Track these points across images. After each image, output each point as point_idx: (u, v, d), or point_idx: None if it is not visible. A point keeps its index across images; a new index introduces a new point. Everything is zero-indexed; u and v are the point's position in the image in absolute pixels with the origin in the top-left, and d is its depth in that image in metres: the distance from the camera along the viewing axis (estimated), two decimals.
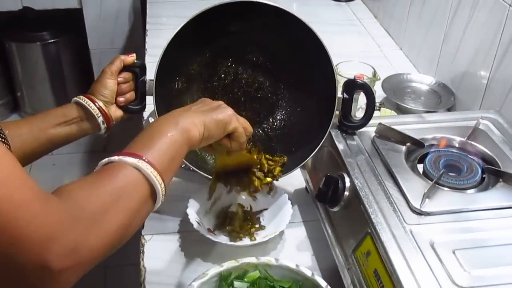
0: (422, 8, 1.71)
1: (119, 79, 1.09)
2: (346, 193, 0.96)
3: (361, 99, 1.32)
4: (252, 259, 0.96)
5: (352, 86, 1.06)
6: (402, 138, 1.03)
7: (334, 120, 1.08)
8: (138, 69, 1.11)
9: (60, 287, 0.63)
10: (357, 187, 0.94)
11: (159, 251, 1.08)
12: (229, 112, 0.93)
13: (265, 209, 1.15)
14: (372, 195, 0.92)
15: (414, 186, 0.92)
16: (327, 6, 2.23)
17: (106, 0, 2.55)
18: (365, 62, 1.43)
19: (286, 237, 1.12)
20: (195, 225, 1.06)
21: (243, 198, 1.17)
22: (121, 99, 1.10)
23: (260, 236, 1.09)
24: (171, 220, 1.15)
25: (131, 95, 1.12)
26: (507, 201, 0.91)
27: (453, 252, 0.82)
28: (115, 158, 0.76)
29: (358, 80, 1.07)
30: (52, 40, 2.73)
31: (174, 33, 1.04)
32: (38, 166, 2.80)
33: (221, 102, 0.95)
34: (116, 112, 1.11)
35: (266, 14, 1.07)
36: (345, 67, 1.33)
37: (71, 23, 2.73)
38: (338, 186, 0.97)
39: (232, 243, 1.05)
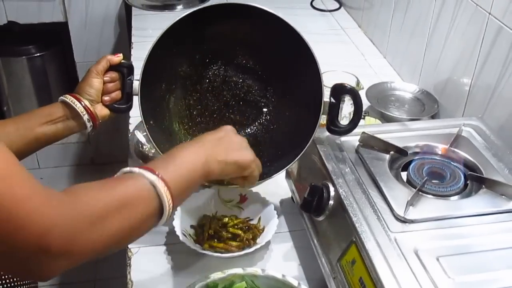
0: (404, 17, 1.73)
1: (105, 78, 1.11)
2: (331, 202, 0.97)
3: (345, 108, 1.33)
4: (238, 270, 0.96)
5: (340, 90, 1.06)
6: (386, 146, 1.04)
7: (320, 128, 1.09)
8: (125, 69, 1.12)
9: (54, 270, 0.68)
10: (342, 196, 0.94)
11: (146, 263, 1.08)
12: (250, 157, 0.98)
13: (251, 220, 1.15)
14: (357, 203, 0.93)
15: (398, 194, 0.93)
16: (311, 15, 2.24)
17: (91, 13, 2.56)
18: (350, 71, 1.44)
19: (272, 247, 1.12)
20: (181, 237, 1.06)
21: (230, 209, 1.17)
22: (106, 98, 1.12)
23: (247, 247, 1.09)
24: (158, 232, 1.15)
25: (116, 94, 1.13)
26: (490, 207, 0.92)
27: (437, 259, 0.83)
28: (136, 169, 0.79)
29: (347, 85, 1.07)
30: (37, 54, 2.72)
31: (161, 33, 1.05)
32: None
33: (244, 139, 1.01)
34: (102, 111, 1.12)
35: (256, 18, 1.08)
36: (328, 77, 1.33)
37: (56, 36, 2.73)
38: (323, 196, 0.97)
39: (219, 254, 1.05)
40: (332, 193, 0.97)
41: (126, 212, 0.74)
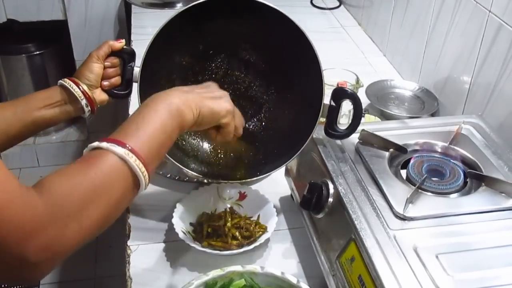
0: (404, 15, 1.73)
1: (105, 63, 1.10)
2: (330, 199, 0.97)
3: (345, 106, 1.33)
4: (237, 268, 0.96)
5: (341, 94, 1.05)
6: (385, 144, 1.04)
7: (319, 126, 1.08)
8: (126, 55, 1.11)
9: (37, 276, 0.67)
10: (341, 194, 0.94)
11: (145, 261, 1.08)
12: (227, 106, 0.95)
13: (250, 217, 1.15)
14: (356, 201, 0.93)
15: (397, 192, 0.93)
16: (311, 13, 2.24)
17: (91, 11, 2.56)
18: (350, 69, 1.44)
19: (272, 245, 1.12)
20: (181, 235, 1.06)
21: (229, 206, 1.17)
22: (105, 83, 1.11)
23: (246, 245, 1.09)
24: (157, 230, 1.15)
25: (116, 80, 1.12)
26: (490, 205, 0.92)
27: (436, 257, 0.82)
28: (104, 144, 0.75)
29: (348, 90, 1.05)
30: (37, 52, 2.72)
31: (166, 21, 1.04)
32: (25, 178, 2.81)
33: (225, 93, 0.97)
34: (100, 96, 1.11)
35: (262, 14, 1.06)
36: (328, 74, 1.33)
37: (56, 35, 2.73)
38: (322, 193, 0.97)
39: (218, 252, 1.05)
40: (331, 190, 0.97)
41: (103, 197, 0.72)
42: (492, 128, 1.12)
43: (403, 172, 1.01)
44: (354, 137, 1.07)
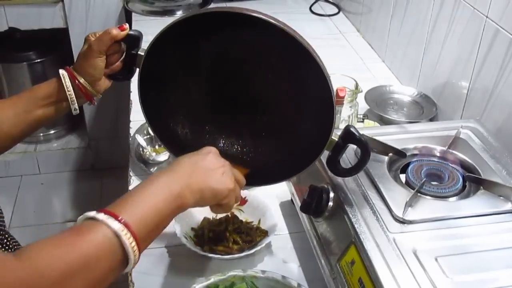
0: (402, 21, 1.74)
1: (108, 52, 1.03)
2: (330, 203, 0.98)
3: (344, 111, 1.34)
4: (239, 272, 0.97)
5: (350, 137, 0.95)
6: (384, 148, 1.05)
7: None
8: (129, 42, 1.04)
9: None
10: (341, 198, 0.95)
11: (147, 265, 1.09)
12: (229, 186, 0.90)
13: (251, 222, 1.15)
14: (356, 205, 0.94)
15: (397, 195, 0.94)
16: (310, 20, 2.26)
17: (92, 19, 2.57)
18: (349, 74, 1.45)
19: (272, 249, 1.13)
20: (182, 239, 1.07)
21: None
22: (107, 70, 1.05)
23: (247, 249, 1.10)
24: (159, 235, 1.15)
25: (118, 65, 1.06)
26: (488, 208, 0.93)
27: (436, 259, 0.83)
28: (100, 216, 0.72)
29: (361, 137, 0.94)
30: (38, 60, 2.73)
31: (185, 16, 0.97)
32: (26, 185, 2.81)
33: (226, 165, 0.92)
34: (104, 84, 1.06)
35: (260, 28, 0.94)
36: None
37: (57, 42, 2.74)
38: (322, 197, 0.98)
39: (219, 256, 1.06)
40: (331, 194, 0.98)
41: (88, 273, 0.68)
42: (490, 132, 1.13)
43: (402, 176, 1.02)
44: None
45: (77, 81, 1.02)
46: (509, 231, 0.90)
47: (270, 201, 1.20)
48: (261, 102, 1.03)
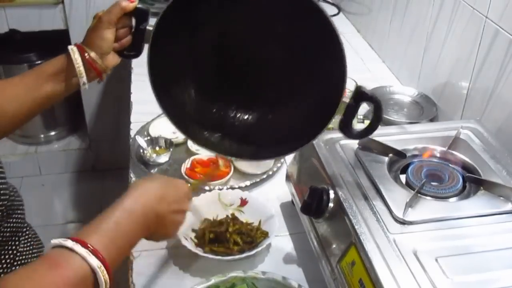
0: (402, 22, 1.74)
1: (117, 25, 1.02)
2: (331, 204, 0.98)
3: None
4: (239, 273, 0.97)
5: (362, 96, 0.95)
6: (384, 149, 1.05)
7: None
8: (138, 15, 1.03)
9: None
10: (341, 199, 0.95)
11: (148, 267, 1.09)
12: (177, 230, 0.95)
13: (252, 223, 1.16)
14: (356, 206, 0.94)
15: (397, 196, 0.94)
16: None
17: (92, 20, 2.57)
18: (349, 75, 1.44)
19: (273, 250, 1.13)
20: (183, 241, 1.07)
21: (230, 212, 1.18)
22: (116, 45, 1.04)
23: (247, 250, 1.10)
24: None
25: (127, 40, 1.05)
26: (488, 209, 0.93)
27: (436, 260, 0.83)
28: (69, 244, 0.72)
29: (372, 95, 0.95)
30: (38, 61, 2.73)
31: None
32: (27, 187, 2.81)
33: (185, 196, 0.95)
34: (113, 60, 1.05)
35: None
36: None
37: (57, 44, 2.73)
38: (323, 198, 0.98)
39: (220, 257, 1.06)
40: (331, 195, 0.98)
41: None
42: (490, 133, 1.13)
43: (403, 177, 1.02)
44: (354, 143, 1.08)
45: (86, 54, 1.01)
46: (510, 231, 0.90)
47: (270, 202, 1.20)
48: (269, 70, 1.04)
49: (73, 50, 1.01)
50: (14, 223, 1.02)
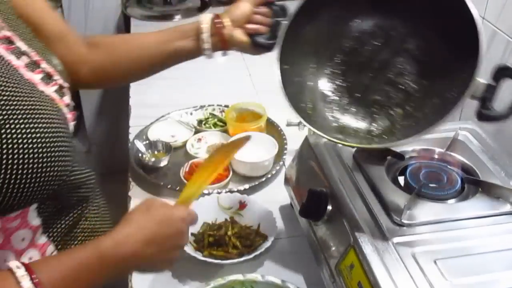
0: None
1: (257, 9, 1.07)
2: (329, 207, 0.98)
3: None
4: (238, 276, 0.97)
5: (504, 72, 0.89)
6: (383, 151, 1.05)
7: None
8: (278, 10, 1.08)
9: None
10: (339, 201, 0.95)
11: None
12: (171, 266, 0.92)
13: (251, 226, 1.16)
14: (354, 208, 0.93)
15: (395, 198, 0.94)
16: None
17: (90, 25, 2.57)
18: None
19: (272, 253, 1.13)
20: None
21: (229, 215, 1.18)
22: (250, 26, 1.07)
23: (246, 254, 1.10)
24: None
25: (262, 28, 1.07)
26: (487, 210, 0.93)
27: (435, 262, 0.83)
28: (19, 273, 0.71)
29: None
30: None
31: None
32: None
33: (180, 239, 0.88)
34: (240, 37, 1.07)
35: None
36: None
37: None
38: (321, 201, 0.98)
39: (219, 261, 1.06)
40: (330, 198, 0.98)
41: None
42: (489, 134, 1.13)
43: (401, 179, 1.02)
44: None
45: (218, 19, 1.05)
46: (508, 232, 0.89)
47: (269, 205, 1.20)
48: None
49: (204, 16, 1.07)
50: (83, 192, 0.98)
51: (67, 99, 0.86)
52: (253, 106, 1.52)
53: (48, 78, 0.85)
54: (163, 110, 1.58)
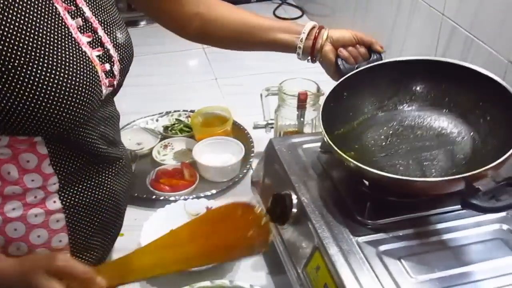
0: (364, 23, 1.75)
1: (359, 47, 1.17)
2: (294, 210, 0.97)
3: (308, 114, 1.34)
4: (206, 283, 0.97)
5: None
6: None
7: None
8: (375, 57, 1.17)
9: None
10: (304, 204, 0.95)
11: None
12: None
13: None
14: (319, 210, 0.93)
15: (359, 198, 0.94)
16: None
17: None
18: (311, 77, 1.45)
19: None
20: None
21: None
22: (343, 50, 1.16)
23: None
24: (124, 250, 1.13)
25: (351, 60, 1.16)
26: (450, 205, 0.93)
27: (399, 260, 0.84)
28: None
29: None
30: None
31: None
32: None
33: None
34: (327, 54, 1.17)
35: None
36: (289, 85, 1.35)
37: None
38: (286, 204, 0.98)
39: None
40: (294, 201, 0.97)
41: None
42: None
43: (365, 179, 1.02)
44: (316, 147, 1.08)
45: (317, 31, 1.17)
46: (471, 226, 0.90)
47: None
48: None
49: (309, 25, 1.18)
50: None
51: (108, 66, 0.88)
52: (218, 110, 1.51)
53: (97, 43, 0.87)
54: (129, 118, 1.56)
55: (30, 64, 0.74)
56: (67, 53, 0.79)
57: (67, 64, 0.78)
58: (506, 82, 0.94)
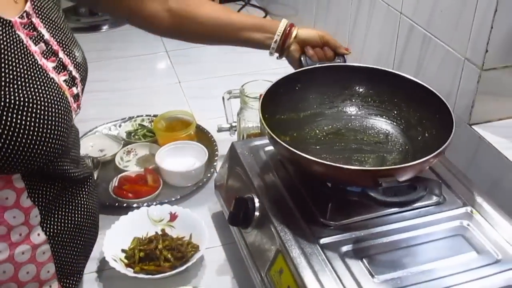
0: (325, 23, 1.76)
1: (325, 48, 1.21)
2: (257, 213, 0.97)
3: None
4: None
5: None
6: None
7: None
8: (339, 58, 1.24)
9: None
10: (266, 207, 0.95)
11: None
12: None
13: (183, 238, 1.13)
14: (281, 213, 0.93)
15: (322, 199, 0.93)
16: None
17: None
18: (272, 79, 1.44)
19: (206, 263, 1.11)
20: (111, 263, 1.04)
21: (160, 228, 1.15)
22: (310, 50, 1.20)
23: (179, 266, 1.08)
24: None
25: (315, 58, 1.20)
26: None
27: (361, 260, 0.84)
28: None
29: None
30: None
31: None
32: None
33: None
34: (294, 52, 1.21)
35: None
36: (251, 87, 1.34)
37: None
38: (248, 208, 0.97)
39: (150, 276, 1.04)
40: (257, 204, 0.97)
41: None
42: None
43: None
44: None
45: (290, 29, 1.20)
46: (432, 224, 0.91)
47: (201, 213, 1.19)
48: None
49: (284, 20, 1.21)
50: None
51: (75, 90, 0.87)
52: (181, 114, 1.50)
53: (61, 67, 0.86)
54: (91, 125, 1.54)
55: (2, 103, 0.70)
56: (38, 83, 0.76)
57: (40, 95, 0.75)
58: (463, 78, 0.96)
